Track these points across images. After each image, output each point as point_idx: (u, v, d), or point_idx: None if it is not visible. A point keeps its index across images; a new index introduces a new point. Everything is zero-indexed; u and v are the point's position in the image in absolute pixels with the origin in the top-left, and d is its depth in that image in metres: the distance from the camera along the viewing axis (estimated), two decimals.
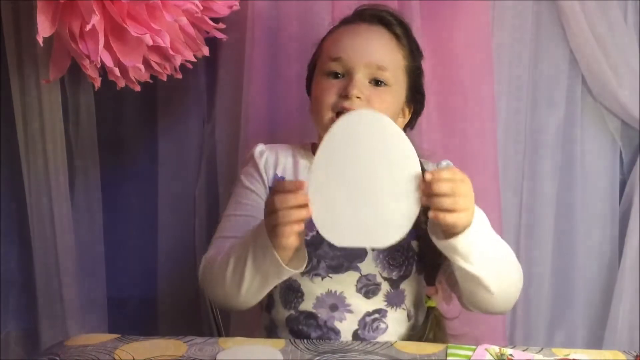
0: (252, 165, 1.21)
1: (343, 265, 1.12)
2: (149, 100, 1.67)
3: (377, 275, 1.14)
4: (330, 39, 1.19)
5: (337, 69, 1.14)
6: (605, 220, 1.68)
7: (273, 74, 1.52)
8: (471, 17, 1.48)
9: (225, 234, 1.15)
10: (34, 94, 1.56)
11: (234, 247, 1.06)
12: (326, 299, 1.13)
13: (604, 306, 1.68)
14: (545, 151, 1.64)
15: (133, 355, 0.97)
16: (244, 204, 1.18)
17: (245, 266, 1.02)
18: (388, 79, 1.13)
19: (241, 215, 1.16)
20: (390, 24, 1.17)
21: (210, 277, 1.10)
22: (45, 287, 1.65)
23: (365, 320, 1.14)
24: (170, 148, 1.70)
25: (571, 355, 1.00)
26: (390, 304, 1.15)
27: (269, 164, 1.20)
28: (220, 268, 1.06)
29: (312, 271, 1.12)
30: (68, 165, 1.62)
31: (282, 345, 1.02)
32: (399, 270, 1.14)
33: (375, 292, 1.14)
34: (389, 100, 1.14)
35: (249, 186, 1.19)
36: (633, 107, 1.58)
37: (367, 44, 1.14)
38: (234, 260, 1.04)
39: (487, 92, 1.52)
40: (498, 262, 1.04)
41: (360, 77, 1.12)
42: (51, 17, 1.20)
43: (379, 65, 1.12)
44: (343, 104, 1.10)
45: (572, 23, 1.55)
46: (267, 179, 1.19)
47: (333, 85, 1.13)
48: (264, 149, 1.22)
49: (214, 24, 1.37)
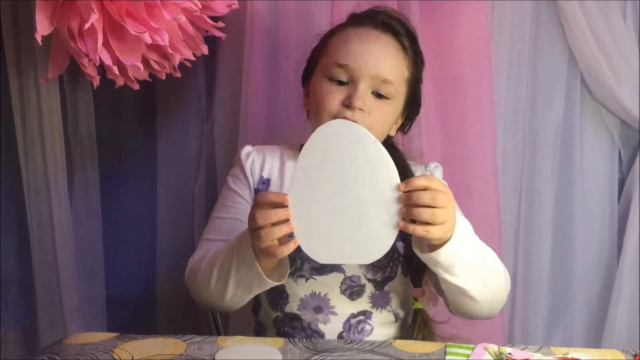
0: (238, 167, 1.22)
1: (327, 266, 1.12)
2: (147, 99, 1.67)
3: (362, 276, 1.14)
4: (337, 40, 1.15)
5: (341, 76, 1.11)
6: (604, 219, 1.68)
7: (272, 73, 1.52)
8: (471, 16, 1.48)
9: (210, 237, 1.17)
10: (33, 92, 1.55)
11: (217, 254, 1.07)
12: (310, 301, 1.14)
13: (603, 305, 1.68)
14: (544, 150, 1.64)
15: (132, 354, 0.97)
16: (228, 207, 1.19)
17: (229, 276, 1.03)
18: (391, 93, 1.12)
19: (226, 218, 1.18)
20: (399, 34, 1.14)
21: (195, 282, 1.11)
22: (44, 286, 1.65)
23: (350, 322, 1.14)
24: (169, 147, 1.69)
25: (570, 354, 1.00)
26: (375, 305, 1.15)
27: (255, 166, 1.20)
28: (204, 275, 1.07)
29: (296, 272, 1.12)
30: (67, 163, 1.62)
31: (280, 344, 1.02)
32: (384, 272, 1.14)
33: (360, 293, 1.14)
34: (389, 113, 1.14)
35: (234, 188, 1.20)
36: (632, 106, 1.58)
37: (375, 55, 1.11)
38: (217, 269, 1.05)
39: (487, 91, 1.52)
40: (483, 271, 1.03)
41: (364, 88, 1.10)
42: (50, 15, 1.20)
43: (385, 79, 1.10)
44: (345, 114, 1.09)
45: (571, 22, 1.55)
46: (252, 181, 1.20)
47: (336, 92, 1.11)
48: (251, 150, 1.22)
49: (213, 23, 1.37)
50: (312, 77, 1.18)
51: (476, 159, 1.52)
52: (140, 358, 0.96)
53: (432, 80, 1.49)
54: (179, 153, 1.69)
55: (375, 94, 1.11)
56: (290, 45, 1.49)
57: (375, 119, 1.10)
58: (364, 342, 1.05)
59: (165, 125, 1.69)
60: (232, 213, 1.17)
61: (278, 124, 1.54)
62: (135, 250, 1.76)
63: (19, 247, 1.69)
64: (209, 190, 1.68)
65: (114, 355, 0.97)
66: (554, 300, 1.70)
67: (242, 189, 1.19)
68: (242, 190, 1.19)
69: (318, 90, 1.13)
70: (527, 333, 1.68)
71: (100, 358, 0.96)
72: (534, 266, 1.67)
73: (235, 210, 1.18)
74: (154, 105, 1.68)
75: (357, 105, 1.08)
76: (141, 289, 1.76)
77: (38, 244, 1.63)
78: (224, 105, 1.62)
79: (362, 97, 1.09)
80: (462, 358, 0.99)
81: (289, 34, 1.50)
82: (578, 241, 1.67)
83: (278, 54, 1.51)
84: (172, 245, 1.72)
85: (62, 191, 1.61)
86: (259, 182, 1.19)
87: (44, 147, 1.58)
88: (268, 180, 1.19)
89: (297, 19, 1.49)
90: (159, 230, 1.72)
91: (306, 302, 1.14)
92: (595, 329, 1.70)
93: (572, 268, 1.68)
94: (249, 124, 1.53)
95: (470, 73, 1.50)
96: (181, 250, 1.71)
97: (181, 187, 1.70)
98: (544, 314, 1.69)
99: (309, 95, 1.18)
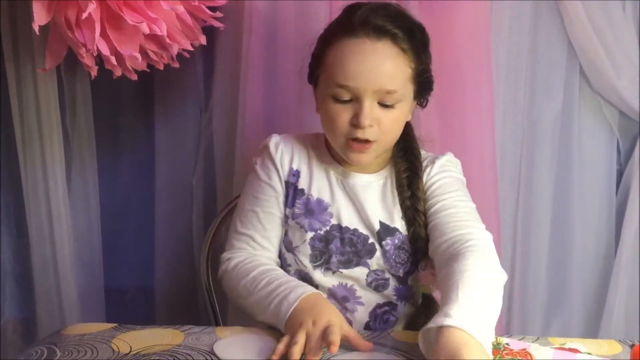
0: (268, 158, 1.20)
1: (353, 260, 1.15)
2: (145, 89, 1.67)
3: (385, 271, 1.17)
4: (333, 56, 1.11)
5: (345, 95, 1.09)
6: (602, 210, 1.68)
7: (270, 63, 1.51)
8: (469, 7, 1.47)
9: (244, 231, 1.18)
10: (30, 83, 1.55)
11: (257, 288, 1.08)
12: (338, 291, 1.17)
13: (601, 295, 1.69)
14: (542, 141, 1.64)
15: (130, 344, 0.98)
16: (261, 199, 1.18)
17: (259, 315, 1.08)
18: (396, 99, 1.10)
19: (260, 212, 1.18)
20: (396, 36, 1.09)
21: (227, 287, 1.16)
22: (42, 277, 1.65)
23: (376, 312, 1.17)
24: (168, 137, 1.69)
25: (567, 344, 1.00)
26: (400, 298, 1.18)
27: (285, 157, 1.19)
28: (239, 293, 1.12)
29: (323, 265, 1.16)
30: (65, 154, 1.62)
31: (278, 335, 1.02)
32: (405, 267, 1.17)
33: (385, 286, 1.17)
34: (398, 116, 1.13)
35: (265, 180, 1.19)
36: (631, 98, 1.57)
37: (374, 69, 1.08)
38: (252, 303, 1.08)
39: (485, 82, 1.52)
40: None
41: (369, 104, 1.08)
42: (47, 5, 1.20)
43: (388, 90, 1.08)
44: (357, 134, 1.09)
45: (570, 13, 1.55)
46: (282, 174, 1.19)
47: (342, 111, 1.10)
48: (279, 140, 1.21)
49: (211, 13, 1.36)
50: (317, 85, 1.16)
51: (475, 150, 1.52)
52: (138, 348, 0.97)
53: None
54: (177, 144, 1.69)
55: (381, 104, 1.10)
56: (289, 36, 1.49)
57: (386, 127, 1.10)
58: (363, 333, 1.05)
59: (163, 115, 1.68)
60: (266, 207, 1.18)
61: (276, 114, 1.54)
62: (134, 241, 1.76)
63: (17, 239, 1.69)
64: (208, 181, 1.68)
65: (112, 346, 0.97)
66: (552, 291, 1.70)
67: (274, 181, 1.18)
68: (275, 182, 1.18)
69: (326, 109, 1.13)
70: (524, 323, 1.69)
71: (98, 348, 0.97)
72: (532, 257, 1.67)
73: (268, 204, 1.18)
74: (152, 95, 1.67)
75: (366, 124, 1.08)
76: (139, 280, 1.76)
77: (36, 235, 1.63)
78: (222, 95, 1.62)
79: (369, 115, 1.08)
80: None
81: (287, 24, 1.49)
82: (576, 232, 1.67)
83: (276, 44, 1.51)
84: (171, 235, 1.72)
85: (60, 182, 1.61)
86: (289, 173, 1.19)
87: (41, 138, 1.58)
88: (298, 172, 1.19)
89: (295, 9, 1.48)
90: (158, 221, 1.72)
91: (334, 292, 1.17)
92: (593, 320, 1.70)
93: (570, 259, 1.68)
94: (247, 114, 1.53)
95: (469, 64, 1.50)
96: (180, 241, 1.71)
97: (179, 177, 1.70)
98: (541, 304, 1.70)
99: (317, 99, 1.17)
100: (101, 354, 0.95)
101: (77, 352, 0.95)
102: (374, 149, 1.12)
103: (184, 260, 1.70)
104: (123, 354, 0.95)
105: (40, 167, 1.60)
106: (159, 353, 0.95)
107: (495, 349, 0.98)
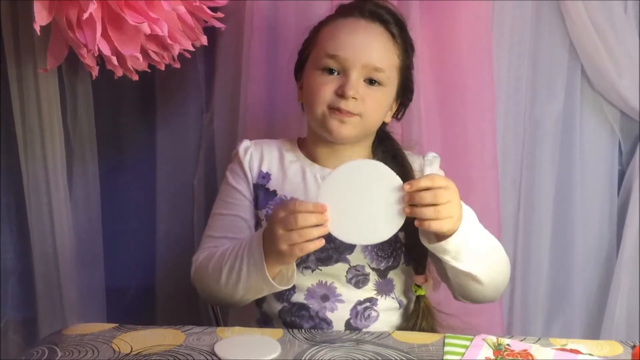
0: (236, 163, 1.23)
1: (332, 257, 1.14)
2: (147, 90, 1.67)
3: (366, 266, 1.16)
4: (326, 32, 1.17)
5: (333, 65, 1.13)
6: (603, 211, 1.68)
7: (271, 63, 1.51)
8: (471, 7, 1.47)
9: (213, 234, 1.19)
10: (31, 83, 1.54)
11: (224, 256, 1.09)
12: (317, 290, 1.15)
13: (602, 297, 1.68)
14: (544, 141, 1.64)
15: (131, 345, 0.98)
16: (229, 203, 1.20)
17: (238, 281, 1.06)
18: (383, 80, 1.14)
19: (227, 215, 1.19)
20: (388, 22, 1.16)
21: (202, 282, 1.14)
22: (43, 277, 1.65)
23: (356, 309, 1.16)
24: (169, 138, 1.69)
25: (569, 345, 1.00)
26: (380, 292, 1.17)
27: (254, 161, 1.22)
28: (213, 277, 1.10)
29: (301, 264, 1.14)
30: (66, 154, 1.62)
31: (279, 335, 1.02)
32: (387, 261, 1.16)
33: (365, 282, 1.16)
34: (382, 99, 1.16)
35: (233, 184, 1.21)
36: (632, 98, 1.57)
37: (365, 44, 1.13)
38: (226, 273, 1.07)
39: (487, 83, 1.52)
40: (487, 254, 1.08)
41: (356, 77, 1.12)
42: (48, 5, 1.20)
43: (376, 67, 1.13)
44: (339, 104, 1.11)
45: (572, 13, 1.55)
46: (251, 177, 1.21)
47: (329, 82, 1.13)
48: (249, 145, 1.23)
49: (213, 13, 1.36)
50: (304, 69, 1.20)
51: (476, 150, 1.52)
52: (139, 348, 0.97)
53: (432, 72, 1.49)
54: (178, 144, 1.69)
55: (368, 81, 1.13)
56: (290, 36, 1.48)
57: (369, 106, 1.13)
58: (363, 333, 1.06)
59: (165, 116, 1.68)
60: (233, 210, 1.19)
61: (277, 114, 1.54)
62: (135, 241, 1.76)
63: (19, 238, 1.69)
64: (209, 181, 1.68)
65: (113, 346, 0.97)
66: (553, 292, 1.70)
67: (241, 185, 1.21)
68: (241, 186, 1.21)
69: (311, 81, 1.16)
70: (526, 324, 1.68)
71: (99, 348, 0.97)
72: (534, 257, 1.67)
73: (235, 207, 1.19)
74: (153, 96, 1.67)
75: (350, 94, 1.10)
76: (140, 280, 1.76)
77: (37, 235, 1.63)
78: (224, 96, 1.62)
79: (355, 86, 1.11)
80: (460, 349, 0.99)
81: (288, 25, 1.49)
82: (577, 233, 1.67)
83: (277, 45, 1.51)
84: (172, 236, 1.72)
85: (61, 182, 1.61)
86: (258, 176, 1.21)
87: (43, 138, 1.58)
88: (268, 174, 1.21)
89: (296, 9, 1.48)
90: (159, 221, 1.72)
91: (313, 292, 1.15)
92: (594, 321, 1.70)
93: (571, 259, 1.68)
94: (249, 114, 1.53)
95: (470, 64, 1.50)
96: (180, 241, 1.71)
97: (181, 178, 1.70)
98: (543, 305, 1.70)
99: (302, 88, 1.21)
100: (102, 354, 0.95)
101: (78, 352, 0.95)
102: (355, 123, 1.13)
103: (185, 260, 1.68)
104: (124, 354, 0.95)
105: (41, 167, 1.60)
106: (159, 353, 0.95)
107: (496, 350, 0.98)
